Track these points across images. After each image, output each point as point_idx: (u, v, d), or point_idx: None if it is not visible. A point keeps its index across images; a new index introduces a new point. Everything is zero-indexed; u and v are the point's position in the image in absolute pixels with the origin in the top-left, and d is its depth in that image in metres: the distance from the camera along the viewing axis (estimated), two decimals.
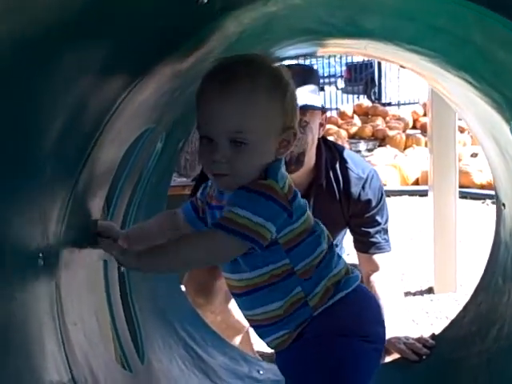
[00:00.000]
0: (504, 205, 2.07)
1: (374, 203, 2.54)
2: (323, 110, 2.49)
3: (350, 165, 2.53)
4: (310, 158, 2.44)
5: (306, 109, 2.29)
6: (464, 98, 2.07)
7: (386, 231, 2.59)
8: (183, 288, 2.53)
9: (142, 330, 1.75)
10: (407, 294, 4.12)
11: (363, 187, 2.51)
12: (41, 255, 1.10)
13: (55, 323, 1.19)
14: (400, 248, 4.89)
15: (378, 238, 2.56)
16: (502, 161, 2.00)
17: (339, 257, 1.49)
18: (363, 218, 2.54)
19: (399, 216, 6.05)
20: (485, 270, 2.31)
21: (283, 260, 1.37)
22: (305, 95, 2.32)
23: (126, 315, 1.71)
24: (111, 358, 1.52)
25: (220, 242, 1.28)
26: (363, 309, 1.48)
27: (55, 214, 1.19)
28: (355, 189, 2.51)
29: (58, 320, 1.20)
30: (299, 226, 1.37)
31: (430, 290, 4.24)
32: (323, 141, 2.54)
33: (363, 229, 2.55)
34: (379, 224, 2.56)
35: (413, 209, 6.69)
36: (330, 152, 2.55)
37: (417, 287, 4.32)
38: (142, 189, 1.76)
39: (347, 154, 2.60)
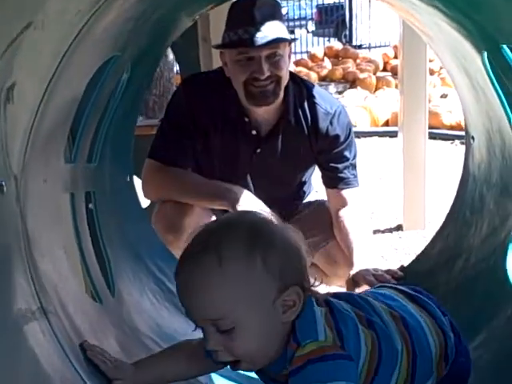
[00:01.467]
0: (473, 137, 2.08)
1: (342, 138, 2.54)
2: (292, 41, 2.46)
3: (318, 100, 2.51)
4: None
5: (278, 42, 2.26)
6: (436, 29, 2.04)
7: (354, 167, 2.60)
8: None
9: (111, 263, 1.74)
10: (376, 231, 4.18)
11: (331, 122, 2.50)
12: (3, 183, 1.07)
13: (22, 254, 1.16)
14: (369, 187, 4.93)
15: (347, 174, 2.57)
16: (472, 93, 1.99)
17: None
18: (331, 153, 2.54)
19: (369, 157, 6.08)
20: (452, 204, 2.34)
21: None
22: (277, 28, 2.29)
23: (95, 249, 1.70)
24: (81, 290, 1.51)
25: None
26: None
27: (17, 144, 1.15)
28: (323, 124, 2.50)
29: (25, 251, 1.17)
30: (365, 358, 1.24)
31: (398, 228, 4.32)
32: (291, 77, 2.50)
33: (332, 164, 2.56)
34: (347, 159, 2.56)
35: (382, 150, 6.74)
36: (298, 88, 2.53)
37: (386, 225, 4.38)
38: (108, 120, 1.72)
39: (315, 90, 2.57)
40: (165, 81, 5.96)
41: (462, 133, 2.39)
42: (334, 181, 2.57)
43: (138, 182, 2.48)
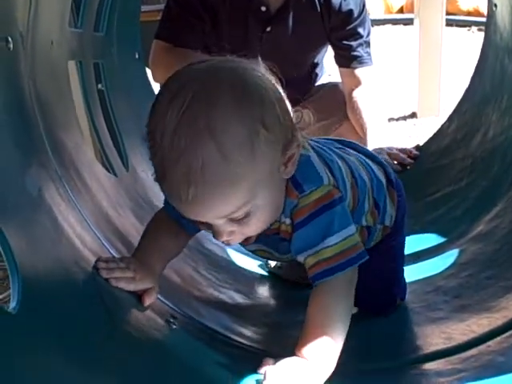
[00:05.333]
0: (496, 5, 1.98)
1: (355, 14, 2.43)
2: None
3: None
4: None
5: None
6: None
7: (368, 44, 2.51)
8: None
9: (123, 138, 1.71)
10: (390, 119, 4.11)
11: None
12: (9, 38, 1.02)
13: (35, 115, 1.14)
14: (382, 76, 4.82)
15: (361, 52, 2.48)
16: None
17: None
18: (345, 30, 2.44)
19: (382, 45, 5.91)
20: (471, 80, 2.27)
21: None
22: None
23: (107, 124, 1.67)
24: (95, 160, 1.49)
25: (341, 285, 1.07)
26: None
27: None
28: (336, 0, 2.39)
29: (38, 114, 1.14)
30: (350, 195, 1.18)
31: (413, 115, 4.25)
32: None
33: (345, 42, 2.47)
34: (361, 36, 2.47)
35: (396, 38, 6.54)
36: None
37: (400, 113, 4.31)
38: None
39: None
40: None
41: (480, 19, 2.30)
42: (347, 59, 2.49)
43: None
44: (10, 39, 1.02)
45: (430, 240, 1.77)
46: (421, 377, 1.09)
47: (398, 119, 4.21)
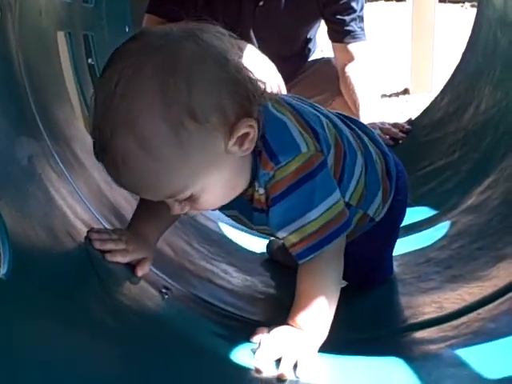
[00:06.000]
0: None
1: None
2: None
3: None
4: None
5: None
6: None
7: (361, 19, 2.49)
8: None
9: None
10: (383, 96, 4.10)
11: None
12: None
13: (24, 88, 1.13)
14: (375, 52, 4.80)
15: (354, 27, 2.47)
16: None
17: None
18: (338, 4, 2.43)
19: (375, 22, 5.87)
20: (464, 53, 2.27)
21: None
22: None
23: None
24: (86, 134, 1.48)
25: (329, 256, 1.04)
26: None
27: None
28: None
29: (27, 85, 1.13)
30: (332, 158, 1.10)
31: (405, 92, 4.25)
32: None
33: (338, 17, 2.45)
34: (355, 11, 2.46)
35: (389, 14, 6.51)
36: None
37: (392, 89, 4.31)
38: None
39: None
40: None
41: None
42: (340, 34, 2.47)
43: None
44: None
45: (422, 213, 1.77)
46: (412, 344, 1.10)
47: (390, 95, 4.20)
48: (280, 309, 1.28)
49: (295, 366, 0.95)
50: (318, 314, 1.02)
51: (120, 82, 0.87)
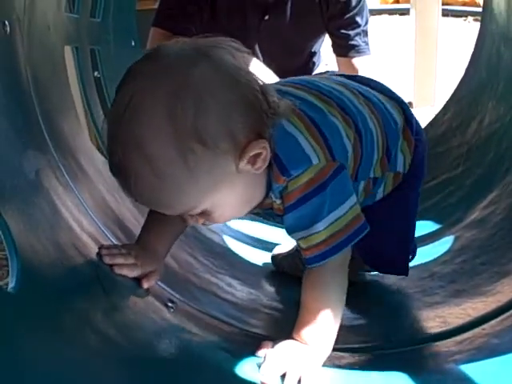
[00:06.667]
0: None
1: (353, 3, 2.43)
2: None
3: None
4: None
5: None
6: None
7: (366, 33, 2.50)
8: None
9: None
10: None
11: None
12: (6, 23, 1.02)
13: (32, 100, 1.14)
14: (378, 66, 4.82)
15: (358, 41, 2.48)
16: None
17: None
18: (342, 19, 2.43)
19: (378, 35, 5.90)
20: (467, 68, 2.28)
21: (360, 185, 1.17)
22: None
23: (104, 111, 1.67)
24: (92, 146, 1.50)
25: (334, 267, 1.05)
26: None
27: None
28: None
29: (34, 97, 1.14)
30: (350, 160, 1.11)
31: (409, 105, 4.25)
32: None
33: (343, 31, 2.46)
34: (359, 26, 2.47)
35: (392, 28, 6.54)
36: None
37: None
38: None
39: None
40: None
41: (476, 9, 2.31)
42: (345, 49, 2.48)
43: None
44: (6, 23, 1.02)
45: (425, 227, 1.77)
46: (416, 358, 1.10)
47: None
48: (285, 322, 1.28)
49: (299, 382, 0.95)
50: (322, 328, 1.03)
51: (129, 105, 0.88)
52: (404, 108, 1.26)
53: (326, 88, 1.16)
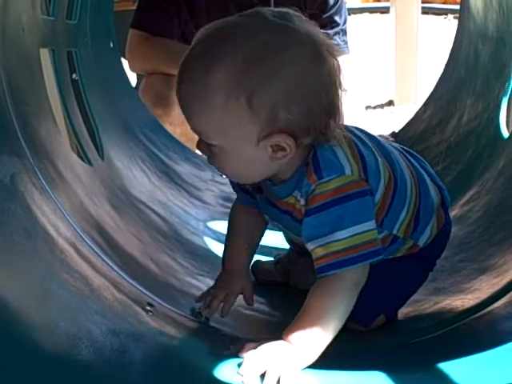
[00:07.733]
0: None
1: (331, 2, 2.45)
2: None
3: None
4: None
5: None
6: None
7: (344, 32, 2.53)
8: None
9: (98, 127, 1.71)
10: (367, 108, 4.14)
11: None
12: None
13: (7, 104, 1.12)
14: (359, 65, 4.84)
15: (337, 40, 2.50)
16: None
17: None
18: (321, 18, 2.45)
19: (359, 34, 5.92)
20: (446, 65, 2.29)
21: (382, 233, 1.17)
22: None
23: (82, 114, 1.66)
24: (69, 150, 1.48)
25: (347, 280, 1.05)
26: None
27: None
28: None
29: (9, 101, 1.13)
30: (381, 192, 1.13)
31: (390, 103, 4.29)
32: None
33: (321, 30, 2.47)
34: (338, 25, 2.49)
35: (373, 26, 6.56)
36: None
37: (377, 101, 4.34)
38: None
39: None
40: None
41: (456, 6, 2.33)
42: None
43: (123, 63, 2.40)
44: None
45: None
46: (393, 357, 1.10)
47: (375, 107, 4.23)
48: (267, 325, 1.29)
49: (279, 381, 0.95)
50: (314, 335, 1.01)
51: (224, 30, 0.99)
52: (442, 192, 1.31)
53: (378, 140, 1.21)
